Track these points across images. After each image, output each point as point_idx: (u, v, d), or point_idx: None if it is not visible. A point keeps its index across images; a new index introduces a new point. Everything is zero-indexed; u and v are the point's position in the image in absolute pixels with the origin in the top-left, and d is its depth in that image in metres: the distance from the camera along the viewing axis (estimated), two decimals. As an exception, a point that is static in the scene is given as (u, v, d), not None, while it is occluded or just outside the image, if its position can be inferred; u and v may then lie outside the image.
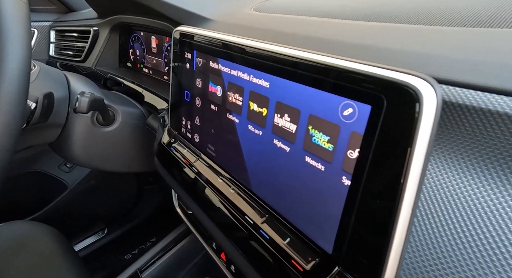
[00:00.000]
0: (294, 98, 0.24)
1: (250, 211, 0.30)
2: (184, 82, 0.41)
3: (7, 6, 0.36)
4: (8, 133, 0.35)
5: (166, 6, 0.50)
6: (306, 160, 0.24)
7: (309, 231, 0.24)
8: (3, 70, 0.34)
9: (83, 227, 1.14)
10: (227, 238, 0.31)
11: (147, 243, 1.20)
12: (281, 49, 0.25)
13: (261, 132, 0.29)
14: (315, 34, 0.29)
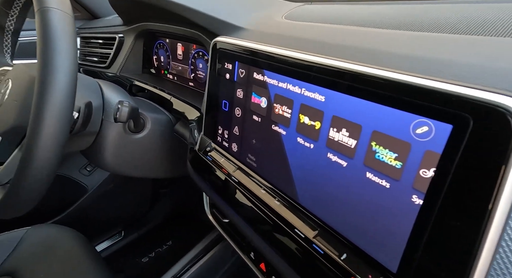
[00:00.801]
0: (355, 113, 0.24)
1: (299, 223, 0.30)
2: (223, 92, 0.42)
3: (55, 19, 0.36)
4: (56, 143, 0.36)
5: (199, 15, 0.51)
6: (367, 176, 0.24)
7: (368, 248, 0.24)
8: (52, 82, 0.35)
9: (101, 230, 1.16)
10: (275, 251, 0.31)
11: (163, 246, 1.21)
12: (340, 64, 0.25)
13: (313, 146, 0.29)
14: (360, 44, 0.29)
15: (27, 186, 0.37)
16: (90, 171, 1.06)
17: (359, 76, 0.23)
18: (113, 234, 1.20)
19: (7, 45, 0.56)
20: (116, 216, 1.19)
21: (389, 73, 0.21)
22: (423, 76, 0.19)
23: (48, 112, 0.35)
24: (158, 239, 1.21)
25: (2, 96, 0.46)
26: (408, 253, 0.21)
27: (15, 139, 0.45)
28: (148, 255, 1.15)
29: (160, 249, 1.18)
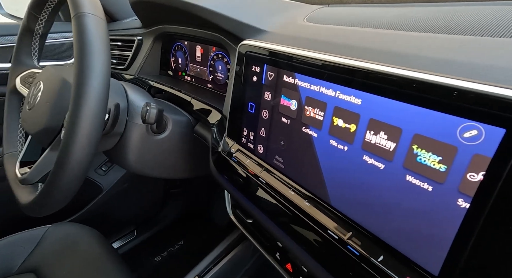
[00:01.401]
0: (395, 116, 0.24)
1: (332, 225, 0.30)
2: (249, 94, 0.42)
3: (90, 24, 0.38)
4: (91, 144, 0.37)
5: (223, 19, 0.51)
6: (407, 179, 0.24)
7: (406, 250, 0.24)
8: (89, 85, 0.36)
9: (115, 229, 1.17)
10: (307, 252, 0.31)
11: (175, 246, 1.22)
12: (380, 68, 0.25)
13: (347, 148, 0.29)
14: (394, 48, 0.29)
15: (62, 185, 0.38)
16: (106, 170, 1.08)
17: (401, 80, 0.23)
18: (126, 233, 1.22)
19: (35, 48, 0.58)
20: (130, 215, 1.21)
21: (435, 77, 0.21)
22: (473, 81, 0.19)
23: (85, 114, 0.36)
24: (170, 238, 1.23)
25: (34, 98, 0.47)
26: (452, 256, 0.21)
27: (46, 140, 0.46)
28: (161, 254, 1.17)
29: (172, 249, 1.20)
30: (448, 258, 0.21)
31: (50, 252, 0.70)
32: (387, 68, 0.24)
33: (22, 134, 0.59)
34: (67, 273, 0.65)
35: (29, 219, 0.91)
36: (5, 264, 0.67)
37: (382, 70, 0.25)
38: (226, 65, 0.64)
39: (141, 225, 1.26)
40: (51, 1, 0.51)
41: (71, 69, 0.51)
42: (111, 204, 1.10)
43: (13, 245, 0.70)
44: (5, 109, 0.58)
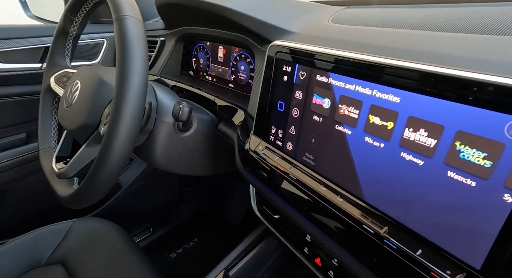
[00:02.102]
0: (436, 114, 0.25)
1: (367, 220, 0.31)
2: (279, 93, 0.44)
3: (131, 26, 0.40)
4: (130, 141, 0.39)
5: (250, 20, 0.53)
6: (449, 175, 0.25)
7: (445, 244, 0.25)
8: (130, 84, 0.38)
9: (132, 225, 1.20)
10: (341, 246, 0.32)
11: (190, 243, 1.24)
12: (420, 66, 0.26)
13: (383, 145, 0.30)
14: (424, 47, 0.30)
15: (102, 178, 0.40)
16: (125, 168, 1.11)
17: (445, 79, 0.24)
18: (143, 229, 1.25)
19: (68, 49, 0.61)
20: (146, 212, 1.24)
21: (483, 76, 0.22)
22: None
23: (126, 111, 0.38)
24: (184, 235, 1.25)
25: (72, 96, 0.50)
26: (496, 249, 0.22)
27: (83, 136, 0.48)
28: (176, 251, 1.19)
29: (187, 246, 1.22)
30: (492, 252, 0.22)
31: (76, 245, 0.72)
32: (429, 67, 0.25)
33: (55, 131, 0.61)
34: (93, 265, 0.68)
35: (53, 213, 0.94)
36: (34, 256, 0.70)
37: (425, 69, 0.25)
38: (249, 65, 0.65)
39: (156, 221, 1.28)
40: (86, 5, 0.54)
41: (106, 69, 0.53)
42: (129, 201, 1.13)
43: (41, 238, 0.73)
44: (40, 107, 0.61)
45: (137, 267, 0.68)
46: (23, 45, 0.75)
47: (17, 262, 0.68)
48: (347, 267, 0.32)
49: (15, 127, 0.82)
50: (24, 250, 0.69)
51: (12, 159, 0.78)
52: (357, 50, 0.33)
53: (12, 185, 0.80)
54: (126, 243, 0.74)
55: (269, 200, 0.45)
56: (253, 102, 0.54)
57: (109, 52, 0.90)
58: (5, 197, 0.79)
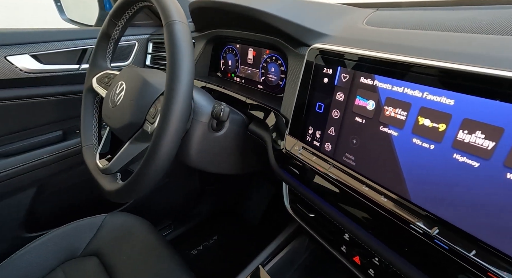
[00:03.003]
0: (495, 116, 0.26)
1: (415, 220, 0.31)
2: (318, 95, 0.45)
3: (180, 30, 0.42)
4: (177, 138, 0.41)
5: (285, 23, 0.54)
6: (508, 177, 0.25)
7: (503, 245, 0.26)
8: (180, 85, 0.40)
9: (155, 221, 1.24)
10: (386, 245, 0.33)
11: (210, 241, 1.27)
12: (479, 70, 0.26)
13: (434, 146, 0.30)
14: (473, 49, 0.30)
15: (150, 173, 0.42)
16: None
17: (505, 81, 0.25)
18: (165, 225, 1.28)
19: (109, 52, 0.64)
20: (168, 209, 1.27)
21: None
22: None
23: (176, 111, 0.40)
24: (205, 233, 1.28)
25: (117, 96, 0.53)
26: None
27: (127, 134, 0.51)
28: (197, 248, 1.22)
29: (207, 243, 1.24)
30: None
31: (109, 238, 0.76)
32: (489, 70, 0.26)
33: (95, 129, 0.64)
34: (126, 257, 0.71)
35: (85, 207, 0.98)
36: (71, 247, 0.73)
37: (485, 72, 0.26)
38: (280, 67, 0.67)
39: (177, 219, 1.31)
40: (130, 10, 0.56)
41: (148, 71, 0.56)
42: (153, 197, 1.17)
43: (77, 230, 0.76)
44: (82, 106, 0.64)
45: (167, 261, 0.70)
46: (62, 48, 0.79)
47: (55, 252, 0.71)
48: (392, 266, 0.33)
49: (52, 125, 0.86)
50: (62, 241, 0.73)
51: (49, 156, 0.82)
52: (398, 53, 0.34)
53: (49, 180, 0.84)
54: (154, 237, 0.77)
55: (307, 198, 0.46)
56: (287, 103, 0.55)
57: (140, 54, 0.94)
58: (43, 191, 0.84)
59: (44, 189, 0.84)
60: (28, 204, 0.81)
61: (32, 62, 0.73)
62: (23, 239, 0.83)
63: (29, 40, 0.74)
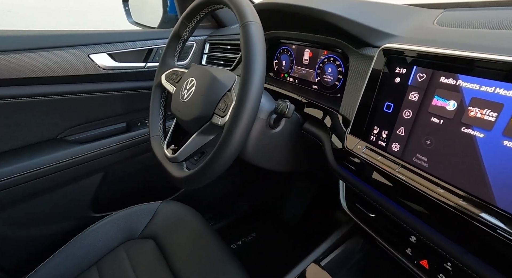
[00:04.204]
0: None
1: (501, 224, 0.30)
2: (387, 94, 0.45)
3: (255, 30, 0.45)
4: (247, 131, 0.43)
5: (349, 23, 0.55)
6: None
7: None
8: (254, 80, 0.42)
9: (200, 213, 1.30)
10: (465, 249, 0.32)
11: (248, 237, 1.30)
12: None
13: (528, 149, 0.29)
14: None
15: (219, 163, 0.45)
16: (197, 160, 1.21)
17: None
18: (207, 218, 1.34)
19: (177, 51, 0.69)
20: (209, 203, 1.33)
21: None
22: None
23: (248, 105, 0.43)
24: (243, 229, 1.31)
25: (188, 91, 0.57)
26: None
27: (195, 126, 0.55)
28: (236, 243, 1.25)
29: (245, 239, 1.27)
30: None
31: (163, 224, 0.82)
32: None
33: (161, 121, 0.70)
34: (179, 243, 0.76)
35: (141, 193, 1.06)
36: (130, 229, 0.80)
37: None
38: (337, 68, 0.67)
39: (217, 214, 1.36)
40: (202, 13, 0.61)
41: (216, 69, 0.60)
42: (197, 191, 1.22)
43: (135, 214, 0.83)
44: (151, 100, 0.70)
45: (216, 249, 0.74)
46: (132, 48, 0.88)
47: (117, 232, 0.79)
48: (473, 272, 0.32)
49: (117, 118, 0.95)
50: (123, 223, 0.80)
51: (115, 145, 0.91)
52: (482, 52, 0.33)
53: (114, 167, 0.93)
54: (204, 226, 0.81)
55: (369, 198, 0.46)
56: (347, 103, 0.55)
57: (197, 54, 1.00)
58: (108, 176, 0.93)
59: (109, 174, 0.93)
60: (95, 187, 0.91)
61: (108, 60, 0.82)
62: (90, 218, 0.93)
63: (107, 40, 0.83)
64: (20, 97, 0.73)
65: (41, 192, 0.81)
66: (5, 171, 0.74)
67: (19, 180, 0.75)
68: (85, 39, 0.79)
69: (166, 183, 1.11)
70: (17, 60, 0.69)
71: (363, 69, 0.54)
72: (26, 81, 0.72)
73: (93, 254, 0.74)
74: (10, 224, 0.78)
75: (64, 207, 0.87)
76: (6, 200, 0.74)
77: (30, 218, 0.82)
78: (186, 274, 0.67)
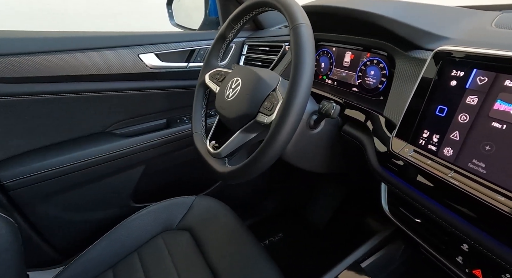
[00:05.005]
0: None
1: None
2: (440, 98, 0.44)
3: (305, 32, 0.46)
4: (293, 130, 0.45)
5: (400, 26, 0.54)
6: None
7: None
8: (302, 80, 0.44)
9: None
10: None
11: (275, 237, 1.30)
12: None
13: None
14: None
15: (264, 160, 0.47)
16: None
17: None
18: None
19: (221, 52, 0.72)
20: (238, 201, 1.35)
21: None
22: None
23: (297, 104, 0.44)
24: (270, 229, 1.32)
25: (233, 90, 0.60)
26: None
27: (239, 124, 0.57)
28: (263, 242, 1.26)
29: (272, 239, 1.28)
30: None
31: (198, 218, 0.85)
32: None
33: (203, 118, 0.74)
34: (214, 236, 0.78)
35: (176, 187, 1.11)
36: (168, 220, 0.84)
37: None
38: (381, 70, 0.66)
39: (244, 212, 1.39)
40: (249, 15, 0.63)
41: (260, 69, 0.62)
42: (228, 188, 1.25)
43: (172, 206, 0.87)
44: (195, 99, 0.74)
45: (250, 245, 0.76)
46: (176, 48, 0.92)
47: (156, 222, 0.83)
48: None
49: (158, 114, 1.01)
50: (161, 214, 0.85)
51: (156, 140, 0.96)
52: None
53: (154, 161, 0.98)
54: (237, 222, 0.83)
55: (416, 202, 0.45)
56: (393, 106, 0.55)
57: (235, 55, 1.03)
58: (148, 169, 0.98)
59: (150, 168, 0.98)
60: (137, 179, 0.96)
61: (155, 60, 0.88)
62: (130, 208, 0.99)
63: (154, 41, 0.88)
64: (78, 92, 0.80)
65: (91, 180, 0.88)
66: (61, 160, 0.81)
67: (73, 168, 0.82)
68: (135, 40, 0.85)
69: (200, 178, 1.16)
70: (81, 58, 0.76)
71: (411, 72, 0.53)
72: (85, 78, 0.79)
73: (134, 241, 0.79)
74: (64, 208, 0.85)
75: (108, 195, 0.94)
76: (62, 185, 0.82)
77: (81, 203, 0.89)
78: (222, 267, 0.69)
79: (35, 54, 0.71)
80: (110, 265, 0.75)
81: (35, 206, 0.81)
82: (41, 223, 0.83)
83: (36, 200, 0.80)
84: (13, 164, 0.75)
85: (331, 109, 0.52)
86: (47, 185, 0.79)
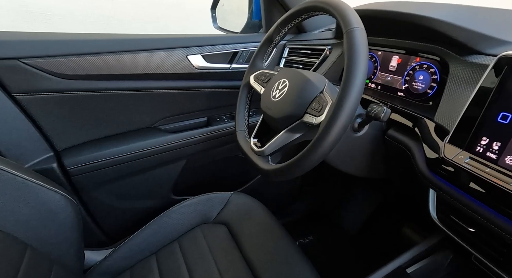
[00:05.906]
0: None
1: None
2: (504, 104, 0.42)
3: (359, 36, 0.47)
4: (343, 131, 0.46)
5: (457, 30, 0.53)
6: None
7: None
8: (355, 82, 0.44)
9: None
10: None
11: (305, 239, 1.30)
12: None
13: None
14: None
15: (311, 159, 0.48)
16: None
17: None
18: (264, 217, 1.39)
19: (267, 54, 0.75)
20: (272, 200, 1.37)
21: None
22: None
23: (348, 107, 0.45)
24: (300, 231, 1.32)
25: (280, 91, 0.62)
26: None
27: (285, 124, 0.59)
28: (293, 243, 1.27)
29: (302, 241, 1.28)
30: None
31: (234, 213, 0.88)
32: None
33: (246, 117, 0.77)
34: (250, 232, 0.81)
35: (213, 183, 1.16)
36: (206, 213, 0.88)
37: None
38: (431, 75, 0.64)
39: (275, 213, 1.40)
40: (296, 19, 0.65)
41: (308, 72, 0.63)
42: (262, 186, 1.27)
43: (210, 200, 0.91)
44: (239, 98, 0.77)
45: (285, 243, 0.77)
46: (220, 50, 0.97)
47: (195, 215, 0.88)
48: None
49: (200, 113, 1.06)
50: (199, 207, 0.89)
51: (198, 137, 1.01)
52: None
53: (195, 157, 1.03)
54: (272, 220, 0.85)
55: (471, 210, 0.43)
56: (445, 112, 0.53)
57: (276, 57, 1.06)
58: (189, 164, 1.04)
59: (190, 163, 1.03)
60: (178, 173, 1.02)
61: (201, 61, 0.93)
62: (171, 200, 1.05)
63: (201, 43, 0.93)
64: (132, 90, 0.87)
65: (136, 172, 0.95)
66: (114, 151, 0.88)
67: (123, 159, 0.89)
68: (184, 42, 0.91)
69: (236, 175, 1.19)
70: (136, 59, 0.83)
71: (468, 77, 0.52)
72: (139, 77, 0.86)
73: (175, 231, 0.84)
74: (114, 195, 0.93)
75: (151, 187, 1.01)
76: (113, 175, 0.89)
77: (127, 192, 0.96)
78: (258, 262, 0.71)
79: (98, 55, 0.79)
80: (153, 251, 0.80)
81: (90, 192, 0.89)
82: (94, 207, 0.92)
83: (91, 186, 0.88)
84: (75, 152, 0.83)
85: (381, 112, 0.52)
86: (101, 173, 0.87)
